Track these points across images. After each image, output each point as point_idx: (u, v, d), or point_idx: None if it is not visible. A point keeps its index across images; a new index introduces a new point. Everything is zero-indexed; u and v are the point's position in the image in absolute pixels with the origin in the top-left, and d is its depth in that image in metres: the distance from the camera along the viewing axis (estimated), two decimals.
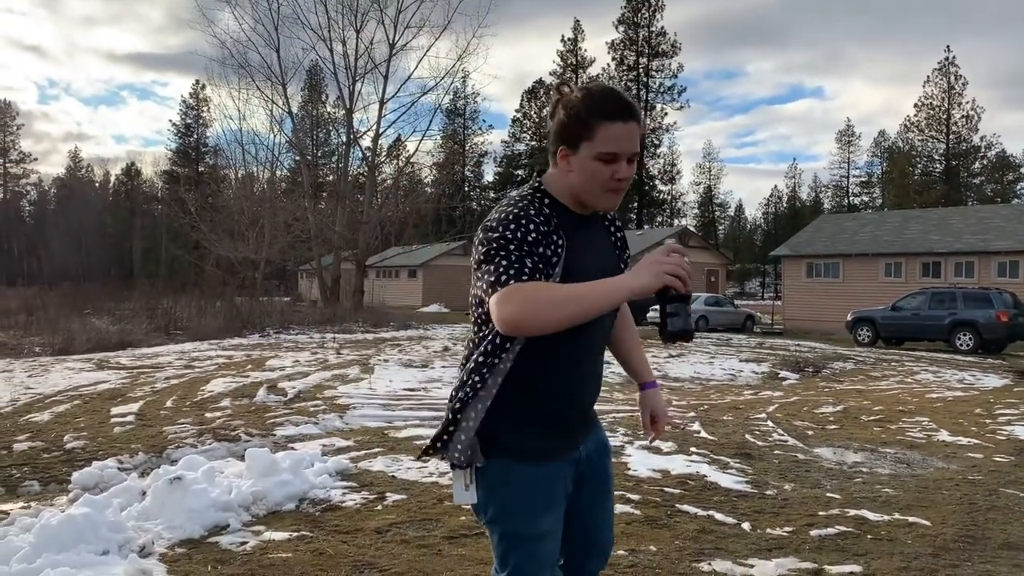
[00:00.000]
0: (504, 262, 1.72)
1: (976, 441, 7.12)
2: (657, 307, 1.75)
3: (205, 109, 75.49)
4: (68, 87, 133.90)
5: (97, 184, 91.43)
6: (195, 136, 78.46)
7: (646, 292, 1.68)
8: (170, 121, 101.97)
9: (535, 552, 1.92)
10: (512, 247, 1.73)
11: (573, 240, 1.85)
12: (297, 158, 40.51)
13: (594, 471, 2.06)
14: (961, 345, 20.59)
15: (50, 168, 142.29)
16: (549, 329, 1.67)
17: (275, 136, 39.49)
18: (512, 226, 1.76)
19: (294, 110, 38.44)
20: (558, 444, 1.95)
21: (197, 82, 75.27)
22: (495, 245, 1.75)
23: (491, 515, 1.93)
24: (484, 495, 1.91)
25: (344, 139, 38.49)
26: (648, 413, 2.24)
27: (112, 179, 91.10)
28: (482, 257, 1.77)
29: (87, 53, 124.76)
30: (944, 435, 7.40)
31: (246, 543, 3.92)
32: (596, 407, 2.12)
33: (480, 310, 1.88)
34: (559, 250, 1.81)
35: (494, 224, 1.78)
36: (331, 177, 47.81)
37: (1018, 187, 69.52)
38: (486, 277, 1.73)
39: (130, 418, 7.37)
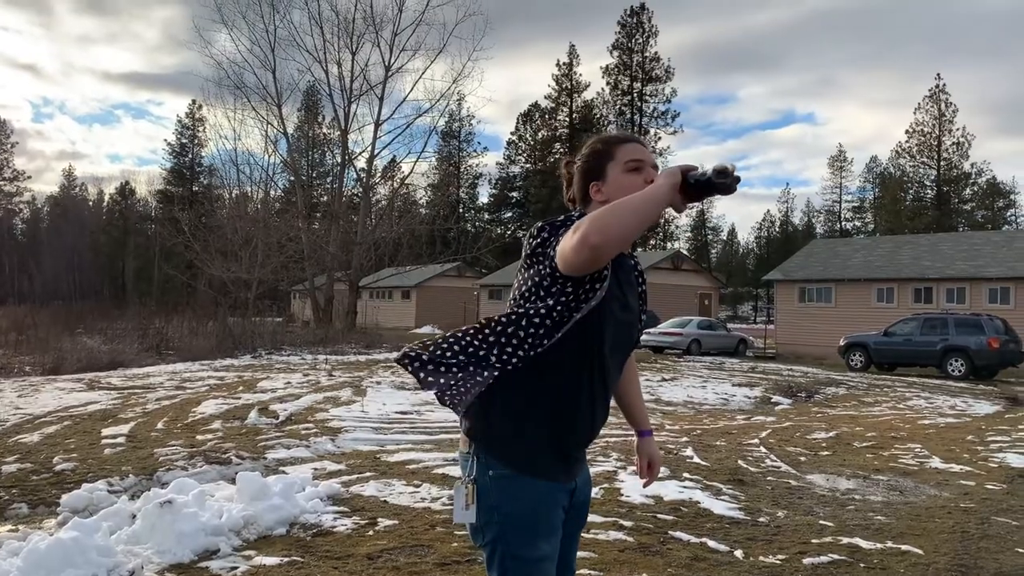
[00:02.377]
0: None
1: (968, 468, 7.13)
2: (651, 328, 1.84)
3: (200, 129, 75.68)
4: (63, 105, 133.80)
5: (91, 203, 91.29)
6: (190, 156, 78.52)
7: (676, 181, 1.79)
8: (165, 140, 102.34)
9: (533, 575, 1.93)
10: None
11: (616, 267, 1.95)
12: (292, 178, 40.56)
13: (580, 502, 2.11)
14: (953, 371, 20.64)
15: (44, 186, 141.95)
16: (619, 238, 1.73)
17: (270, 156, 39.55)
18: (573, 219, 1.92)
19: (289, 131, 38.64)
20: (561, 470, 1.99)
21: (193, 102, 75.55)
22: (559, 220, 1.91)
23: (491, 536, 1.93)
24: (486, 515, 1.92)
25: (339, 160, 38.62)
26: (645, 460, 2.35)
27: (106, 198, 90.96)
28: (547, 235, 1.89)
29: (82, 72, 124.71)
30: (936, 462, 7.41)
31: (236, 568, 3.89)
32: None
33: (529, 286, 1.93)
34: (605, 270, 1.89)
35: (561, 218, 1.93)
36: (325, 198, 47.96)
37: (1008, 213, 70.09)
38: (555, 243, 1.85)
39: (121, 440, 7.33)
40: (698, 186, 1.79)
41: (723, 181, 1.76)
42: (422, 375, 1.94)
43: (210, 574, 3.81)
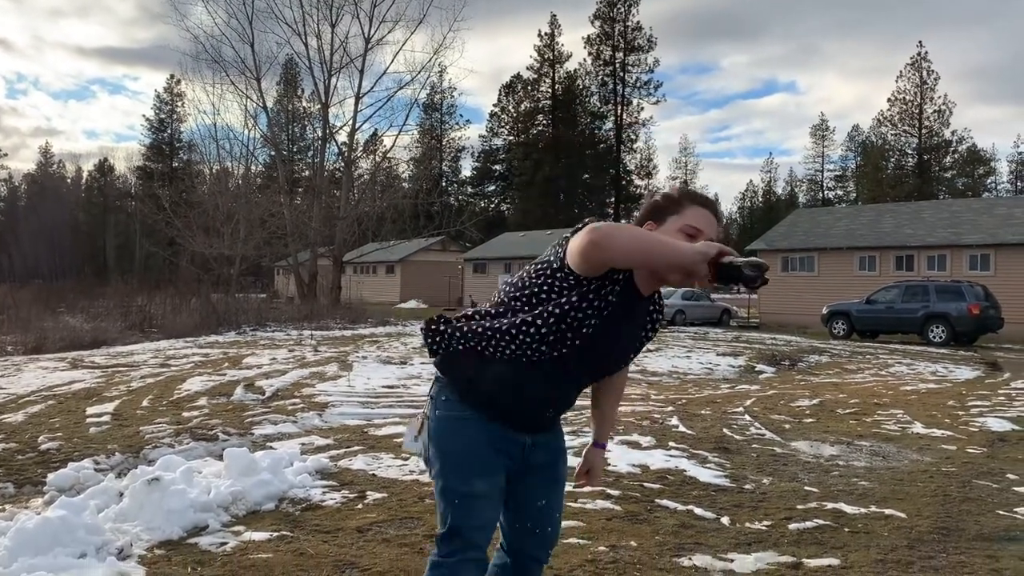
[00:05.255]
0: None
1: (949, 433, 7.23)
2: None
3: (179, 104, 74.84)
4: (36, 81, 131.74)
5: (69, 180, 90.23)
6: (169, 131, 77.66)
7: (708, 254, 1.82)
8: (143, 116, 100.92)
9: (469, 511, 2.10)
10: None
11: (621, 301, 2.04)
12: (272, 153, 40.22)
13: (545, 464, 2.26)
14: (934, 337, 20.87)
15: (20, 164, 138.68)
16: (623, 251, 1.84)
17: (250, 131, 39.08)
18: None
19: (269, 105, 38.16)
20: (509, 423, 2.14)
21: (171, 76, 74.57)
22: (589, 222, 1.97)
23: (435, 469, 2.13)
24: (434, 450, 2.13)
25: (320, 134, 38.23)
26: (587, 467, 2.46)
27: (84, 175, 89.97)
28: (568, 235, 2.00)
29: (54, 47, 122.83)
30: (918, 427, 7.50)
31: (226, 544, 3.90)
32: (580, 403, 2.27)
33: (550, 259, 2.05)
34: (611, 297, 2.01)
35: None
36: (307, 172, 47.52)
37: (988, 181, 70.57)
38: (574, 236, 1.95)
39: (106, 418, 7.29)
40: (729, 268, 1.83)
41: (752, 274, 1.82)
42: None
43: (199, 550, 3.81)
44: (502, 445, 2.12)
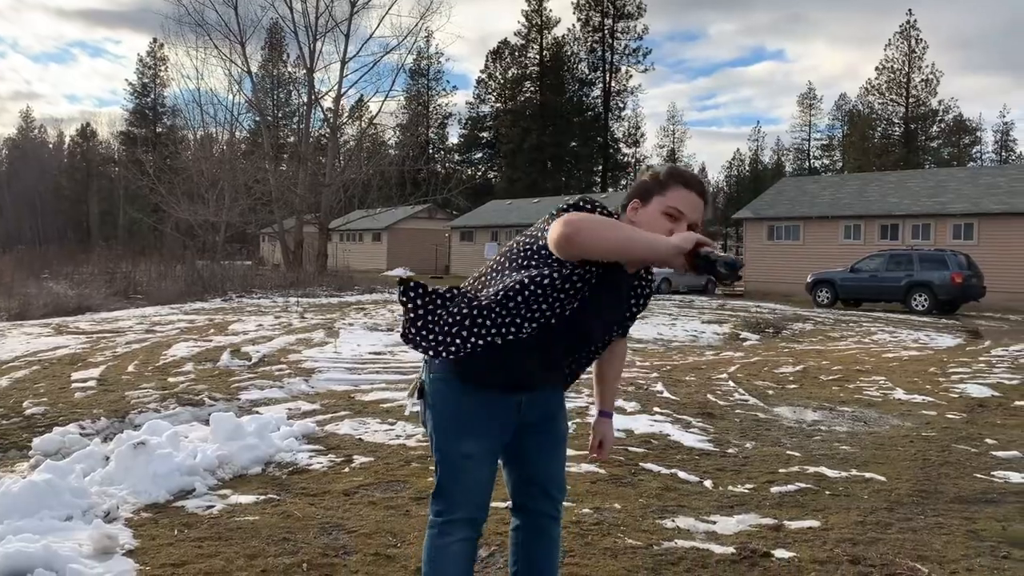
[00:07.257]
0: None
1: (930, 399, 7.32)
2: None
3: (162, 68, 73.66)
4: (16, 43, 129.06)
5: (51, 145, 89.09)
6: (152, 96, 76.59)
7: (684, 249, 1.84)
8: (126, 80, 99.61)
9: (458, 472, 2.15)
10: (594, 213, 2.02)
11: (602, 280, 2.04)
12: (257, 119, 39.79)
13: (542, 419, 2.28)
14: (917, 306, 21.02)
15: (0, 128, 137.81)
16: (594, 247, 1.87)
17: (234, 96, 38.67)
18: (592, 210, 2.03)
19: (253, 70, 37.63)
20: (498, 385, 2.15)
21: (154, 40, 73.34)
22: (598, 207, 2.02)
23: (429, 428, 2.20)
24: (428, 410, 2.19)
25: (305, 99, 37.82)
26: (598, 439, 2.49)
27: (66, 140, 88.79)
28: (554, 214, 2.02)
29: (34, 7, 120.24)
30: (900, 394, 7.59)
31: (212, 507, 3.92)
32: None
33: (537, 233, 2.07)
34: (591, 278, 2.01)
35: (598, 208, 2.02)
36: (292, 138, 47.07)
37: (974, 150, 70.71)
38: (556, 218, 1.96)
39: (91, 383, 7.27)
40: (705, 262, 1.86)
41: (724, 272, 1.85)
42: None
43: (186, 513, 3.83)
44: (495, 408, 2.16)
